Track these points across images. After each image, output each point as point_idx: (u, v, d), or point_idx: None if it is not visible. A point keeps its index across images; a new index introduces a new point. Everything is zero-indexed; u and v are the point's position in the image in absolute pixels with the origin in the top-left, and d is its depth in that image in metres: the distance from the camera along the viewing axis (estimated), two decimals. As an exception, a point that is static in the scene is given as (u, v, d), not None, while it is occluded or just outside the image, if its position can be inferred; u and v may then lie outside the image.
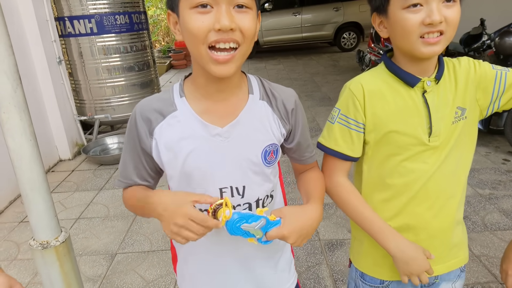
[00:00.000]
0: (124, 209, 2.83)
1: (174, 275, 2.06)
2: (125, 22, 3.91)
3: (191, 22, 0.70)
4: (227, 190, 0.82)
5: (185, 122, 0.79)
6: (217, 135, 0.79)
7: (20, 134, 1.09)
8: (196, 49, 0.72)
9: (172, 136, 0.79)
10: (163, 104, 0.81)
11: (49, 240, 1.23)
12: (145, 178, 0.87)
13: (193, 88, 0.81)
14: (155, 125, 0.80)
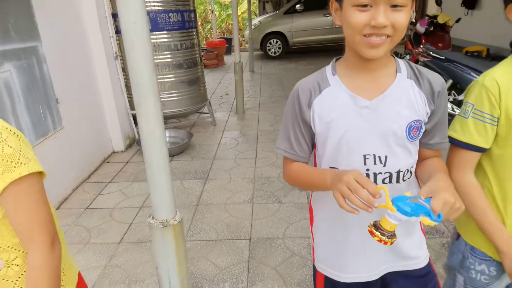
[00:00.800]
0: (185, 199, 2.92)
1: (246, 263, 2.13)
2: (178, 20, 4.02)
3: (352, 17, 0.79)
4: (370, 158, 0.90)
5: (337, 95, 0.90)
6: (365, 107, 0.88)
7: (153, 118, 1.16)
8: (352, 37, 0.82)
9: (326, 108, 0.91)
10: (319, 81, 0.93)
11: (168, 219, 1.31)
12: (302, 147, 0.97)
13: (345, 67, 0.91)
14: (313, 98, 0.92)
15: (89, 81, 3.50)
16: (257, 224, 2.53)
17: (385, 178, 0.91)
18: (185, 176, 3.33)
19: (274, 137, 4.23)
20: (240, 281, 2.01)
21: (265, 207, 2.74)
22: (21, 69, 2.50)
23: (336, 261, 1.02)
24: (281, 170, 3.34)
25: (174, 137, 4.09)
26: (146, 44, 1.07)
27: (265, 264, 2.12)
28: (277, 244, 2.29)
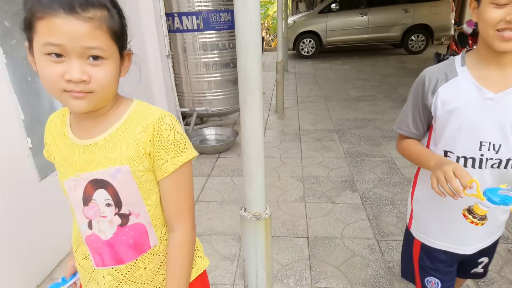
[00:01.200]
0: (237, 195, 2.98)
1: (307, 261, 2.15)
2: (228, 19, 4.10)
3: (488, 13, 0.89)
4: (486, 144, 0.99)
5: (463, 85, 0.99)
6: (489, 99, 0.96)
7: (257, 114, 1.21)
8: (486, 31, 0.91)
9: (450, 96, 1.00)
10: (447, 70, 1.02)
11: (260, 212, 1.35)
12: (418, 127, 1.11)
13: (475, 59, 0.99)
14: (439, 86, 1.02)
15: (143, 79, 3.62)
16: (312, 223, 2.55)
17: (494, 163, 1.01)
18: (234, 173, 3.40)
19: (317, 136, 4.24)
20: (303, 278, 2.05)
21: (318, 206, 2.76)
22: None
23: (436, 230, 1.14)
24: (330, 170, 3.35)
25: (220, 135, 4.17)
26: (258, 44, 1.12)
27: (327, 263, 2.15)
28: (336, 244, 2.30)
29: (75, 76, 0.66)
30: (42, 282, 2.10)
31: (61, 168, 0.82)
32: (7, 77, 1.86)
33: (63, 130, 0.83)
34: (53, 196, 2.20)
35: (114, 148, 0.78)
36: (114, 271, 0.85)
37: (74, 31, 0.65)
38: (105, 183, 0.78)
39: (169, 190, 0.83)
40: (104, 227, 0.82)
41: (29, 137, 1.99)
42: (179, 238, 0.85)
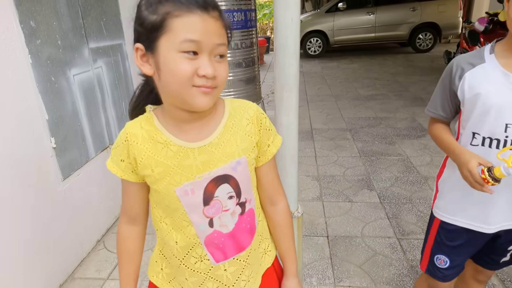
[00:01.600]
0: (255, 195, 2.97)
1: (328, 260, 2.14)
2: (241, 19, 4.10)
3: None
4: (511, 127, 1.04)
5: (490, 71, 1.05)
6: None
7: (293, 112, 1.21)
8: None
9: (477, 80, 1.07)
10: (475, 58, 1.09)
11: (293, 211, 1.35)
12: (445, 110, 1.19)
13: (504, 48, 1.06)
14: (466, 71, 1.09)
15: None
16: (331, 222, 2.55)
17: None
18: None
19: (330, 135, 4.23)
20: (326, 277, 2.04)
21: (336, 205, 2.75)
22: (109, 66, 2.63)
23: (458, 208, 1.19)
24: (345, 169, 3.35)
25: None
26: (297, 42, 1.12)
27: (349, 262, 2.14)
28: (357, 243, 2.30)
29: (210, 72, 0.69)
30: (64, 282, 2.11)
31: (167, 177, 0.79)
32: (32, 77, 1.87)
33: (160, 140, 0.79)
34: (76, 196, 2.21)
35: (230, 143, 0.81)
36: (236, 260, 0.89)
37: (209, 28, 0.69)
38: (228, 178, 0.82)
39: (270, 170, 0.92)
40: (226, 221, 0.85)
41: (52, 136, 2.00)
42: (284, 206, 0.97)
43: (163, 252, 0.92)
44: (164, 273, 0.94)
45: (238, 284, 0.90)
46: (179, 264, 0.88)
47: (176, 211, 0.82)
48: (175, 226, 0.85)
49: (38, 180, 1.92)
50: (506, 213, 1.14)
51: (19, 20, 1.79)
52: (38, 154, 1.92)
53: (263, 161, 0.89)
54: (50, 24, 2.01)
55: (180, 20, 0.67)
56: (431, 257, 1.30)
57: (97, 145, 2.45)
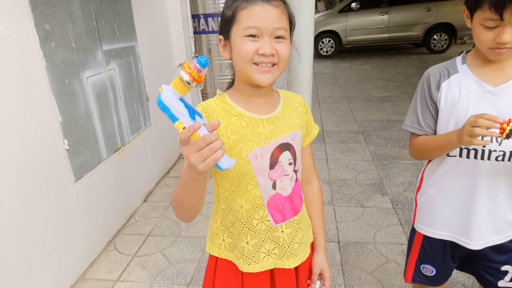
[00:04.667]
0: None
1: (339, 266, 2.11)
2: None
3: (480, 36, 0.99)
4: (488, 136, 1.00)
5: (464, 81, 1.07)
6: (489, 92, 1.04)
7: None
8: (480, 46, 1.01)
9: (453, 90, 1.08)
10: (449, 67, 1.10)
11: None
12: (428, 124, 1.15)
13: (475, 58, 1.08)
14: (442, 81, 1.10)
15: (170, 79, 3.65)
16: (343, 228, 2.51)
17: (498, 156, 1.05)
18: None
19: (342, 138, 4.18)
20: (337, 284, 2.01)
21: (348, 210, 2.72)
22: (122, 68, 2.65)
23: (439, 221, 1.19)
24: (357, 173, 3.30)
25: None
26: (310, 47, 1.11)
27: (360, 269, 2.11)
28: (369, 249, 2.26)
29: (267, 51, 0.84)
30: (75, 283, 2.13)
31: (241, 143, 0.92)
32: (46, 80, 1.89)
33: (235, 113, 0.94)
34: (87, 197, 2.23)
35: (288, 118, 0.99)
36: (291, 223, 1.02)
37: (269, 15, 0.84)
38: (289, 146, 0.97)
39: (309, 153, 1.10)
40: (286, 184, 0.99)
41: (66, 138, 2.03)
42: (318, 185, 1.14)
43: (224, 223, 1.02)
44: (226, 243, 1.04)
45: (292, 246, 1.02)
46: (241, 228, 0.99)
47: (244, 176, 0.94)
48: (240, 191, 0.97)
49: (51, 181, 1.94)
50: (484, 228, 1.13)
51: (34, 24, 1.81)
52: (51, 155, 1.94)
53: (307, 142, 1.07)
54: (64, 27, 2.03)
55: (245, 11, 0.85)
56: (417, 267, 1.31)
57: (109, 147, 2.47)
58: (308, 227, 1.10)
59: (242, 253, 1.00)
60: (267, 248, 1.00)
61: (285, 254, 1.02)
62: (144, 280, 2.13)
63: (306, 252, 1.07)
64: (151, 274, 2.17)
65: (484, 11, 0.94)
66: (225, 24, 0.89)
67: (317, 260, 1.12)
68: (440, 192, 1.19)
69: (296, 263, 1.03)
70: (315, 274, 1.13)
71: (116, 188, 2.54)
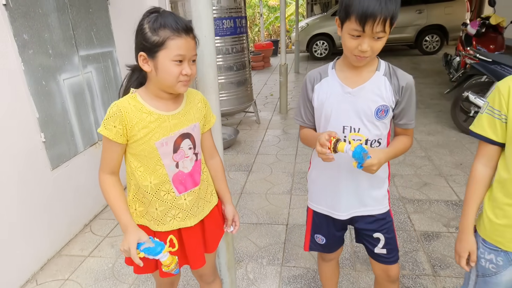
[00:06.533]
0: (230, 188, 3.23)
1: (282, 245, 2.39)
2: (230, 26, 4.39)
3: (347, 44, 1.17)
4: (348, 128, 1.27)
5: (331, 84, 1.28)
6: (348, 93, 1.25)
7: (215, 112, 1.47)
8: (346, 53, 1.21)
9: (323, 91, 1.30)
10: (322, 72, 1.32)
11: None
12: (308, 118, 1.39)
13: (343, 63, 1.29)
14: (315, 84, 1.32)
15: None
16: (294, 213, 2.79)
17: (356, 143, 1.23)
18: (231, 168, 3.67)
19: (315, 136, 4.44)
20: (276, 258, 2.29)
21: (303, 198, 2.99)
22: (99, 71, 2.98)
23: (320, 198, 1.45)
24: (319, 166, 3.56)
25: (223, 134, 4.43)
26: (212, 53, 1.39)
27: (300, 246, 2.38)
28: (312, 231, 2.53)
29: (189, 72, 1.13)
30: (52, 257, 2.44)
31: (149, 134, 1.17)
32: (24, 81, 2.22)
33: (145, 111, 1.17)
34: (64, 184, 2.55)
35: (189, 113, 1.26)
36: (193, 192, 1.30)
37: (190, 46, 1.12)
38: (189, 135, 1.25)
39: (209, 136, 1.40)
40: (187, 164, 1.27)
41: (42, 132, 2.35)
42: (219, 159, 1.45)
43: (137, 196, 1.28)
44: (138, 211, 1.29)
45: (193, 210, 1.30)
46: (151, 198, 1.24)
47: (152, 159, 1.20)
48: (149, 170, 1.22)
49: (30, 169, 2.26)
50: (351, 202, 1.37)
51: (13, 34, 2.14)
52: (30, 147, 2.26)
53: (206, 129, 1.36)
54: (42, 36, 2.36)
55: (174, 42, 1.09)
56: (311, 237, 1.55)
57: (85, 141, 2.79)
58: (211, 194, 1.39)
59: (153, 217, 1.27)
60: (172, 213, 1.27)
61: (187, 216, 1.30)
62: (110, 256, 2.43)
63: (205, 212, 1.36)
64: (117, 252, 2.47)
65: (352, 22, 1.11)
66: (152, 47, 1.09)
67: (228, 210, 1.46)
68: (319, 174, 1.43)
69: (195, 222, 1.32)
70: (229, 220, 1.46)
71: (92, 178, 2.85)
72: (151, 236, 1.24)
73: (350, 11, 1.10)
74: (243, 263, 2.27)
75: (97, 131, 1.17)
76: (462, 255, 1.22)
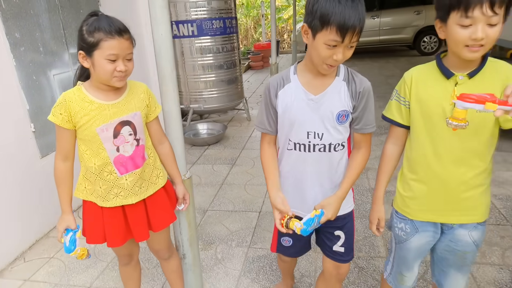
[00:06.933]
0: (212, 179, 3.44)
1: (252, 229, 2.56)
2: (220, 26, 4.57)
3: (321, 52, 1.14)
4: (312, 134, 1.28)
5: (294, 90, 1.27)
6: (311, 100, 1.25)
7: (172, 101, 1.65)
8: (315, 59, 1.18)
9: (286, 98, 1.28)
10: (284, 78, 1.30)
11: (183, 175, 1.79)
12: (271, 125, 1.37)
13: (304, 67, 1.28)
14: (279, 90, 1.30)
15: (144, 79, 4.16)
16: (268, 201, 2.96)
17: (321, 148, 1.30)
18: (216, 162, 3.86)
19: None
20: (245, 241, 2.46)
21: (279, 189, 3.15)
22: (90, 68, 3.18)
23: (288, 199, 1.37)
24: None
25: (212, 129, 4.65)
26: (168, 49, 1.57)
27: (268, 231, 2.55)
28: (282, 217, 2.69)
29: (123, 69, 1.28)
30: (40, 238, 2.65)
31: (91, 121, 1.32)
32: (16, 76, 2.43)
33: (88, 100, 1.32)
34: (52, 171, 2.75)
35: (130, 103, 1.40)
36: (133, 173, 1.44)
37: (122, 46, 1.27)
38: (129, 122, 1.39)
39: (157, 123, 1.55)
40: (128, 148, 1.41)
41: (32, 123, 2.56)
42: (169, 144, 1.59)
43: (86, 175, 1.43)
44: (87, 189, 1.45)
45: (134, 189, 1.45)
46: (95, 178, 1.41)
47: (95, 143, 1.36)
48: (93, 153, 1.38)
49: (20, 156, 2.47)
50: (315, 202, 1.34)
51: (5, 33, 2.35)
52: (20, 136, 2.48)
53: (152, 117, 1.51)
54: (33, 35, 2.57)
55: (107, 43, 1.24)
56: (279, 239, 1.58)
57: (75, 132, 3.00)
58: (157, 176, 1.53)
59: (98, 194, 1.43)
60: (115, 191, 1.42)
61: (129, 195, 1.44)
62: (94, 238, 2.64)
63: (149, 192, 1.50)
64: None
65: (330, 33, 1.07)
66: (88, 47, 1.25)
67: (179, 190, 1.62)
68: (286, 176, 1.40)
69: (137, 200, 1.46)
70: (180, 198, 1.61)
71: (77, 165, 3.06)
72: (78, 225, 1.47)
73: (328, 21, 1.07)
74: (214, 245, 2.45)
75: (48, 118, 1.34)
76: (372, 221, 1.40)
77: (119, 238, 1.49)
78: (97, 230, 1.47)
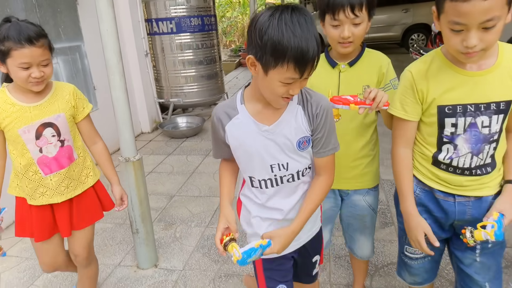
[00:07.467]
0: (185, 169, 3.63)
1: (213, 212, 2.76)
2: (198, 23, 4.76)
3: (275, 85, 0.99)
4: (275, 166, 1.12)
5: (244, 121, 1.10)
6: (266, 131, 1.09)
7: (119, 88, 1.85)
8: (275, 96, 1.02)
9: (236, 131, 1.11)
10: (229, 109, 1.11)
11: (130, 157, 1.99)
12: (225, 155, 1.22)
13: (252, 95, 1.10)
14: (225, 124, 1.12)
15: (123, 74, 4.37)
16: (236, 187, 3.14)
17: (288, 178, 1.14)
18: (191, 153, 4.05)
19: (277, 126, 4.79)
20: (204, 222, 2.66)
21: (245, 177, 3.34)
22: (66, 62, 3.38)
23: None
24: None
25: (191, 123, 4.84)
26: (114, 42, 1.76)
27: (227, 214, 2.74)
28: (241, 202, 2.89)
29: (37, 75, 1.31)
30: (19, 221, 2.85)
31: (13, 123, 1.36)
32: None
33: (10, 102, 1.36)
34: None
35: (54, 105, 1.44)
36: (58, 174, 1.49)
37: (35, 52, 1.27)
38: (52, 124, 1.43)
39: (88, 123, 1.58)
40: (51, 149, 1.46)
41: (8, 112, 2.75)
42: (103, 144, 1.65)
43: (16, 174, 1.50)
44: (18, 186, 1.53)
45: (59, 189, 1.51)
46: (22, 177, 1.48)
47: (19, 143, 1.42)
48: (19, 153, 1.44)
49: None
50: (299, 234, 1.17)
51: (-19, 29, 2.54)
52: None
53: (81, 117, 1.54)
54: (9, 31, 2.77)
55: (17, 52, 1.25)
56: None
57: (52, 123, 3.20)
58: (86, 176, 1.58)
59: (26, 193, 1.49)
60: (40, 191, 1.47)
61: (54, 194, 1.49)
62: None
63: (76, 192, 1.54)
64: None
65: (288, 70, 0.93)
66: (1, 55, 1.27)
67: (115, 191, 1.64)
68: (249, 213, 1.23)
69: (62, 199, 1.51)
70: (117, 199, 1.64)
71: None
72: None
73: (284, 57, 0.91)
74: (175, 225, 2.65)
75: None
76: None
77: (45, 233, 1.55)
78: (26, 225, 1.54)
